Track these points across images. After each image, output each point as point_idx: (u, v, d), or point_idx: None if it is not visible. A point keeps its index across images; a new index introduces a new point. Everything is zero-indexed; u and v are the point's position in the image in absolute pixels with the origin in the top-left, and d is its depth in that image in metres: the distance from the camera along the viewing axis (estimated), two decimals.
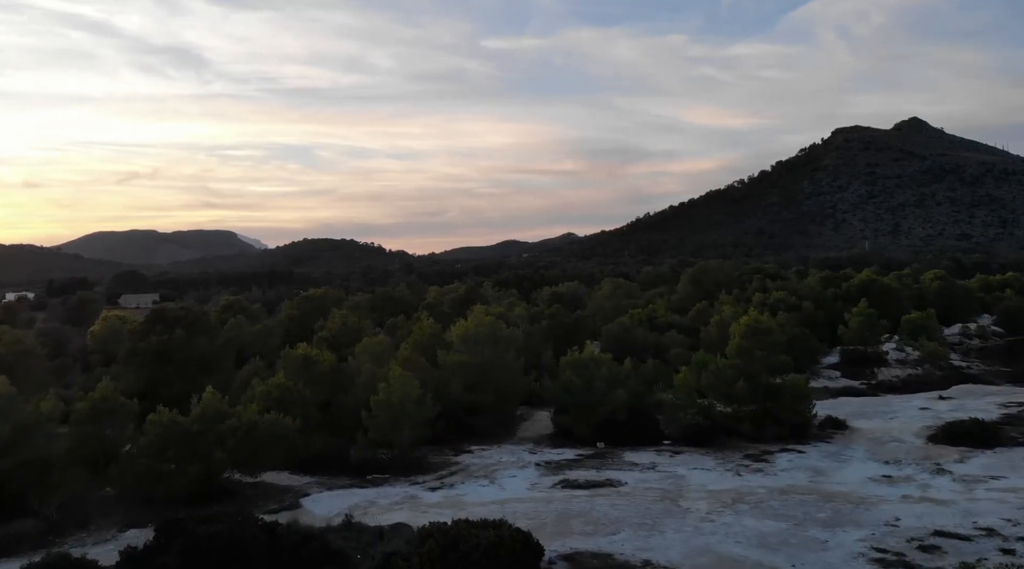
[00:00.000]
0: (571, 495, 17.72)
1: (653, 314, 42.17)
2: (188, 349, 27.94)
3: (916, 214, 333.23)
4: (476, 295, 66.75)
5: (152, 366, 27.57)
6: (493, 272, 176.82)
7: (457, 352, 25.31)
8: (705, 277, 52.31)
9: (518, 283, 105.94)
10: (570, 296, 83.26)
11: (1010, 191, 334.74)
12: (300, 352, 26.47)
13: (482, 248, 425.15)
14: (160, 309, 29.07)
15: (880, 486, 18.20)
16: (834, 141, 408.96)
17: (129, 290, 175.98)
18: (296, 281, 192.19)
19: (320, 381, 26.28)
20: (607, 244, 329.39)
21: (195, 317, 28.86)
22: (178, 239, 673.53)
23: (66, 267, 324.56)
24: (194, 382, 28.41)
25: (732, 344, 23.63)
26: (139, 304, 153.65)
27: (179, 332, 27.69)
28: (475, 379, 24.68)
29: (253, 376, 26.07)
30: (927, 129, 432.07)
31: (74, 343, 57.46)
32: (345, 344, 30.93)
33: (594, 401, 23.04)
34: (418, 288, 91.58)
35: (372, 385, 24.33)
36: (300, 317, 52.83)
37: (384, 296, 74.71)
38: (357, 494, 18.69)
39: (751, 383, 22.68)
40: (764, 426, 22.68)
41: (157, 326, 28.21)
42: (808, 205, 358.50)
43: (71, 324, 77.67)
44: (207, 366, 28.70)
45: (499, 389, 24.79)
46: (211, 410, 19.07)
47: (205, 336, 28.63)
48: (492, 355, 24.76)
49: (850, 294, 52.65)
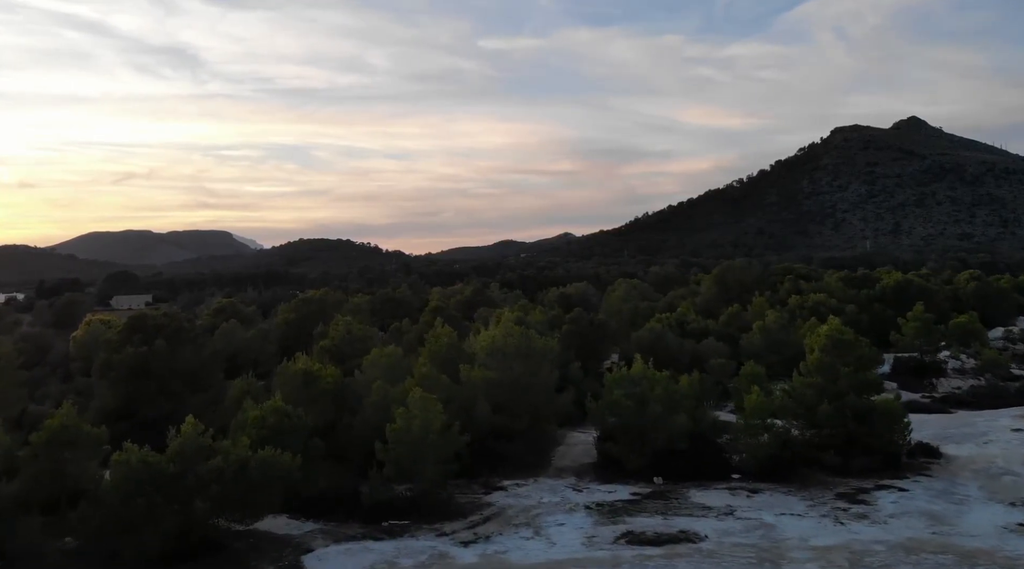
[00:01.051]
0: (642, 555, 14.12)
1: (683, 318, 38.51)
2: (171, 362, 24.25)
3: (916, 214, 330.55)
4: (483, 297, 63.11)
5: (129, 382, 23.88)
6: (492, 272, 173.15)
7: (482, 367, 21.66)
8: (730, 278, 48.70)
9: (522, 284, 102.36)
10: (579, 297, 79.75)
11: (1011, 190, 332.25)
12: (299, 366, 22.83)
13: (479, 248, 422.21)
14: (139, 316, 25.40)
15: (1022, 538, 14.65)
16: (833, 140, 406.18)
17: (121, 291, 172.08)
18: (292, 281, 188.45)
19: (323, 400, 22.65)
20: (606, 244, 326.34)
21: (179, 325, 25.20)
22: (174, 239, 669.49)
23: (60, 267, 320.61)
24: (178, 399, 24.79)
25: (811, 359, 20.01)
26: (131, 306, 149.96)
27: (160, 343, 24.02)
28: (505, 399, 21.05)
29: (245, 394, 22.42)
30: (926, 128, 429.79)
31: (57, 349, 53.61)
32: (350, 355, 27.32)
33: (649, 427, 19.43)
34: (419, 289, 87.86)
35: (385, 406, 20.72)
36: (297, 321, 49.17)
37: (385, 298, 71.03)
38: (372, 550, 15.06)
39: (837, 405, 19.07)
40: (851, 456, 19.07)
41: (135, 336, 24.54)
42: (808, 205, 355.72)
43: (57, 327, 73.95)
44: (193, 381, 25.02)
45: (533, 410, 21.16)
46: (191, 446, 15.41)
47: (190, 347, 24.96)
48: (524, 371, 21.13)
49: (885, 296, 49.20)
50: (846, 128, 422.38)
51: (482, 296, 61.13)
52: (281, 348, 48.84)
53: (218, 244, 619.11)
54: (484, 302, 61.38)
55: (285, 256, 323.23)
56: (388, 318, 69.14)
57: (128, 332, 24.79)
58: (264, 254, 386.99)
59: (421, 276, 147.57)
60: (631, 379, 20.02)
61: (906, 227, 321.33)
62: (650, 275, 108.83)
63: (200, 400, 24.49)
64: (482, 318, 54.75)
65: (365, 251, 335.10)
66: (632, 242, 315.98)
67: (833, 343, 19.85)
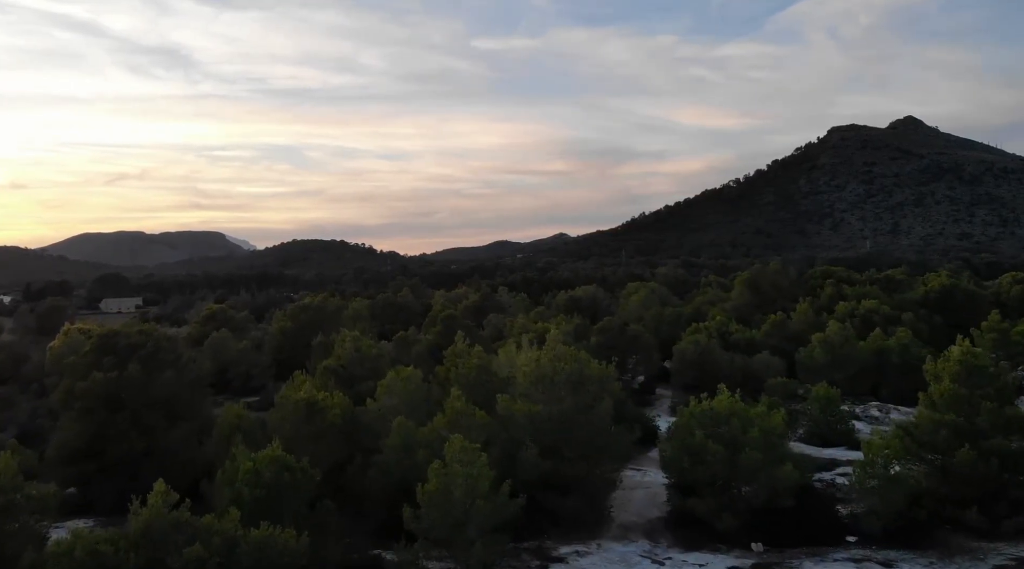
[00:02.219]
0: None
1: (723, 328, 34.58)
2: (146, 390, 20.20)
3: (915, 213, 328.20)
4: (491, 302, 59.13)
5: (96, 415, 19.80)
6: (490, 273, 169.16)
7: (526, 398, 17.64)
8: (764, 282, 44.81)
9: (526, 286, 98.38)
10: (588, 301, 75.80)
11: (1010, 190, 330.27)
12: (301, 395, 18.82)
13: (474, 249, 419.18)
14: (110, 335, 21.32)
15: None
16: (830, 140, 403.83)
17: (111, 294, 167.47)
18: (286, 283, 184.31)
19: (330, 436, 18.69)
20: (603, 244, 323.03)
21: (157, 345, 21.16)
22: (166, 240, 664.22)
23: (50, 269, 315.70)
24: (154, 435, 20.77)
25: (939, 389, 16.03)
26: (121, 309, 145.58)
27: (134, 367, 19.97)
28: (555, 439, 17.05)
29: (236, 430, 18.38)
30: (923, 128, 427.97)
31: (34, 360, 49.36)
32: (360, 377, 23.31)
33: (743, 478, 15.48)
34: (421, 292, 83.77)
35: (408, 448, 16.76)
36: (294, 330, 45.08)
37: (386, 302, 67.01)
38: None
39: (981, 450, 15.12)
40: (1000, 514, 15.14)
41: (105, 358, 20.49)
42: (805, 204, 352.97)
43: (40, 334, 69.75)
44: (173, 412, 20.95)
45: (588, 452, 17.17)
46: (161, 524, 11.38)
47: (171, 370, 20.92)
48: (578, 403, 17.13)
49: (929, 301, 45.40)
50: (843, 127, 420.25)
51: (491, 302, 57.03)
52: (276, 361, 44.85)
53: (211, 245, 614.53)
54: (493, 307, 57.42)
55: (278, 257, 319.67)
56: (389, 323, 65.13)
57: (96, 354, 20.68)
58: (257, 255, 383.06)
59: (420, 278, 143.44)
60: (717, 416, 16.04)
61: (905, 227, 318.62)
62: (658, 276, 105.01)
63: (181, 434, 20.49)
64: (491, 324, 50.88)
65: (359, 252, 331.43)
66: (630, 242, 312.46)
67: (967, 370, 15.91)
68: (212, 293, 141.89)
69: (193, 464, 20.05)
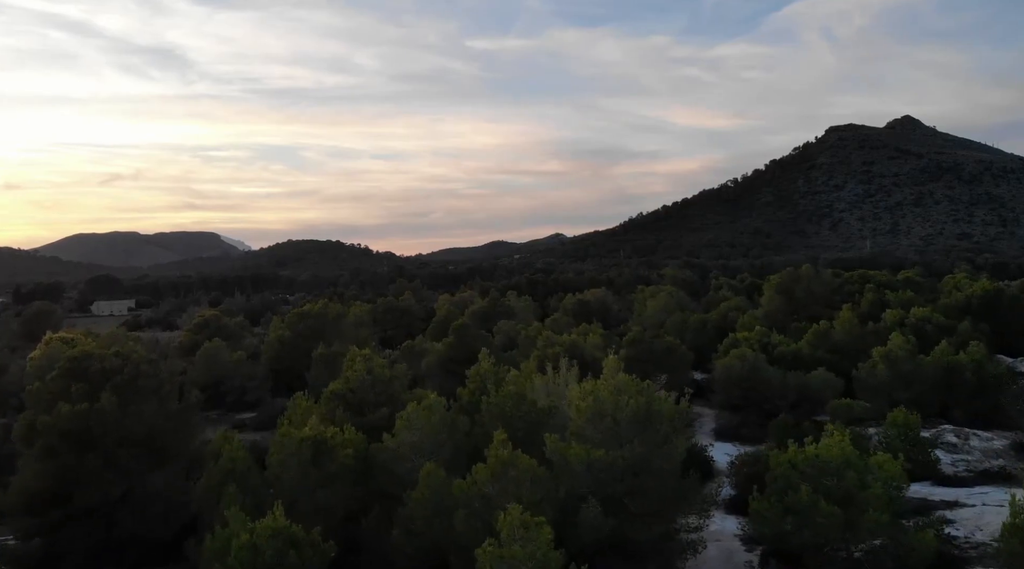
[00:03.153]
0: None
1: (766, 339, 31.47)
2: (123, 425, 16.98)
3: (915, 213, 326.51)
4: (501, 308, 55.96)
5: (62, 455, 16.57)
6: (488, 274, 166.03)
7: (580, 438, 14.47)
8: (798, 287, 41.71)
9: (531, 289, 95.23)
10: (598, 305, 72.65)
11: (1009, 189, 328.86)
12: (306, 432, 15.67)
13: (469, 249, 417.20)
14: (81, 357, 18.06)
15: None
16: (828, 139, 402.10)
17: (103, 296, 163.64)
18: (281, 285, 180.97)
19: (341, 481, 15.56)
20: (600, 245, 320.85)
21: (137, 369, 17.94)
22: (160, 241, 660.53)
23: (43, 270, 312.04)
24: (133, 476, 17.57)
25: None
26: (113, 312, 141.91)
27: (108, 398, 16.77)
28: (616, 490, 13.90)
29: (228, 477, 15.18)
30: (921, 127, 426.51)
31: (16, 370, 45.92)
32: (373, 404, 20.11)
33: (862, 540, 12.35)
34: (423, 296, 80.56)
35: (440, 506, 13.62)
36: (292, 340, 41.80)
37: (387, 307, 63.84)
38: None
39: None
40: None
41: (74, 385, 17.30)
42: (804, 204, 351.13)
43: (26, 339, 66.38)
44: (156, 447, 17.73)
45: (662, 508, 14.04)
46: None
47: (153, 399, 17.72)
48: (648, 446, 13.99)
49: (972, 308, 42.40)
50: (841, 127, 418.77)
51: (501, 307, 53.87)
52: (273, 371, 41.67)
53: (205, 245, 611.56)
54: (502, 313, 54.26)
55: (273, 257, 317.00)
56: (391, 329, 61.93)
57: (64, 380, 17.42)
58: (252, 256, 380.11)
59: (418, 279, 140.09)
60: (826, 465, 12.89)
61: (904, 227, 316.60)
62: (666, 278, 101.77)
63: (165, 477, 17.28)
64: (502, 332, 47.73)
65: (355, 252, 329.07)
66: (627, 242, 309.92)
67: None
68: (206, 295, 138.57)
69: (178, 512, 16.94)
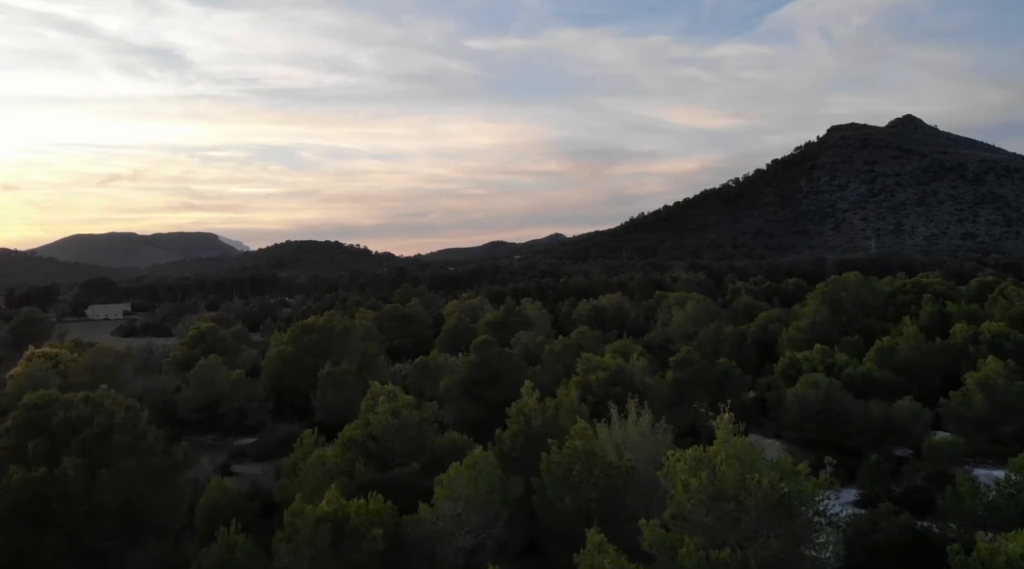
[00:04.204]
0: None
1: (829, 359, 27.95)
2: (92, 494, 13.48)
3: (918, 213, 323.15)
4: (517, 317, 52.43)
5: (15, 533, 13.08)
6: (490, 276, 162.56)
7: (683, 524, 11.01)
8: (846, 296, 38.26)
9: (541, 293, 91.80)
10: (614, 311, 69.21)
11: (1013, 189, 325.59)
12: (324, 508, 12.21)
13: (468, 249, 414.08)
14: (42, 404, 14.32)
15: None
16: (830, 138, 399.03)
17: (98, 299, 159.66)
18: (280, 287, 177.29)
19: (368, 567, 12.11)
20: (601, 245, 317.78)
21: (109, 420, 14.23)
22: (158, 241, 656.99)
23: (40, 271, 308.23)
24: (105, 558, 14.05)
25: None
26: (108, 316, 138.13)
27: (72, 461, 13.18)
28: None
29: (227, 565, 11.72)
30: (923, 126, 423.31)
31: None
32: (399, 454, 16.61)
33: None
34: (431, 301, 77.00)
35: None
36: (295, 356, 38.18)
37: (394, 314, 60.39)
38: None
39: None
40: None
41: (32, 442, 13.73)
42: (806, 204, 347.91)
43: (14, 348, 62.81)
44: (135, 518, 14.23)
45: None
46: None
47: (131, 458, 14.12)
48: (786, 541, 10.50)
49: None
50: (843, 126, 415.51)
51: (517, 317, 50.36)
52: (274, 391, 38.15)
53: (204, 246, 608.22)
54: (519, 323, 50.76)
55: (272, 258, 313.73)
56: (398, 338, 58.42)
57: (18, 435, 13.88)
58: (250, 256, 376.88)
59: (416, 280, 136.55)
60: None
61: (908, 227, 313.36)
62: (680, 283, 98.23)
63: (147, 558, 13.80)
64: (520, 344, 44.30)
65: (354, 253, 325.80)
66: (628, 243, 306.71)
67: None
68: (203, 299, 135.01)
69: None
